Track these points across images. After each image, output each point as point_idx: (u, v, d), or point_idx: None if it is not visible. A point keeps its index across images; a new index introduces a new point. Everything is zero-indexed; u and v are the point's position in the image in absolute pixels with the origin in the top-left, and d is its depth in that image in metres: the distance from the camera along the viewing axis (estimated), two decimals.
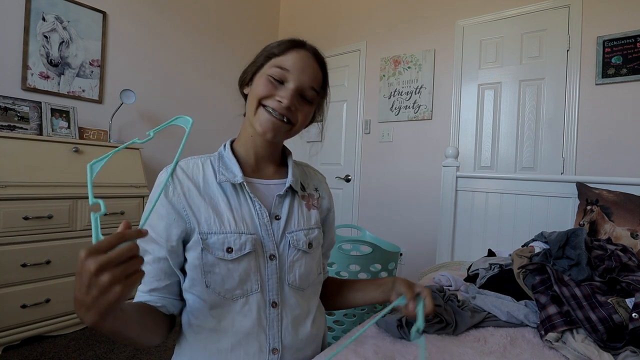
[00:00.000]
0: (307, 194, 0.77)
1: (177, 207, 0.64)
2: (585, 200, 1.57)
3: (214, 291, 0.63)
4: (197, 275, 0.63)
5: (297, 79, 0.66)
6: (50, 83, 2.11)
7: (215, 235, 0.63)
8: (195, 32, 2.87)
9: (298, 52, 0.67)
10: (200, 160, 0.70)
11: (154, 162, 2.59)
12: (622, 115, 1.95)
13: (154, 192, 0.65)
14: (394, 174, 2.80)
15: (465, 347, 0.79)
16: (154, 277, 0.64)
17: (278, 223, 0.69)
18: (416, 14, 2.72)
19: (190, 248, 0.64)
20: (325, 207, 0.81)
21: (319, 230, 0.75)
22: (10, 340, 1.62)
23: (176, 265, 0.65)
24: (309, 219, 0.74)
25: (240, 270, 0.63)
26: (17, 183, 1.63)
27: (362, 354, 0.72)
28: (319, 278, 0.77)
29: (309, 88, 0.68)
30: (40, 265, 1.69)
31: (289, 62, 0.66)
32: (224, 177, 0.67)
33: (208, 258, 0.62)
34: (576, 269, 0.98)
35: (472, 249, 1.97)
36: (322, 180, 0.85)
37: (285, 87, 0.66)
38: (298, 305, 0.69)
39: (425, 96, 2.65)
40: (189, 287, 0.65)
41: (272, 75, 0.66)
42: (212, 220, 0.63)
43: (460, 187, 2.05)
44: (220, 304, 0.63)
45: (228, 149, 0.72)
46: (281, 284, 0.67)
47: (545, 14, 2.20)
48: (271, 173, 0.74)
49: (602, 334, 0.76)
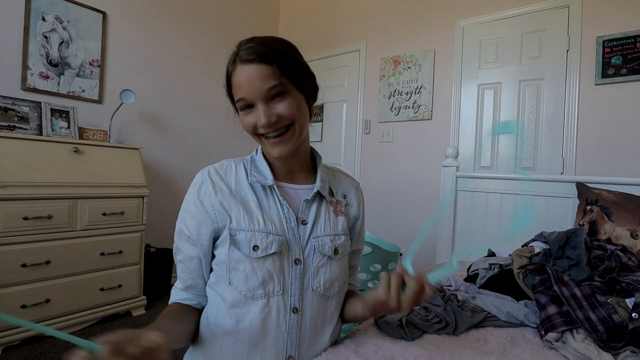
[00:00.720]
0: (336, 200, 0.76)
1: (206, 207, 0.66)
2: (585, 200, 1.57)
3: (235, 289, 0.63)
4: (222, 271, 0.65)
5: (258, 95, 0.61)
6: (50, 83, 2.11)
7: (243, 232, 0.64)
8: (195, 32, 2.87)
9: (237, 72, 0.62)
10: (234, 163, 0.72)
11: (154, 162, 2.59)
12: (622, 115, 1.95)
13: (190, 192, 0.69)
14: (394, 174, 2.80)
15: (465, 347, 0.80)
16: (189, 275, 0.69)
17: (304, 228, 0.69)
18: (416, 14, 2.72)
19: (220, 244, 0.66)
20: (353, 216, 0.79)
21: (345, 237, 0.74)
22: (10, 340, 1.62)
23: (207, 265, 0.68)
24: (336, 225, 0.73)
25: (264, 269, 0.63)
26: (17, 183, 1.63)
27: (362, 354, 0.72)
28: (344, 288, 0.75)
29: (268, 90, 0.61)
30: (40, 265, 1.69)
31: (239, 89, 0.63)
32: (255, 178, 0.69)
33: (235, 254, 0.64)
34: (576, 269, 0.98)
35: (472, 249, 1.97)
36: (352, 186, 0.82)
37: (256, 110, 0.63)
38: (319, 313, 0.68)
39: (425, 96, 2.65)
40: (213, 283, 0.68)
41: (241, 109, 0.65)
42: (241, 218, 0.65)
43: (460, 187, 2.05)
44: (241, 303, 0.63)
45: (260, 154, 0.73)
46: (304, 289, 0.66)
47: (545, 14, 2.20)
48: (302, 178, 0.74)
49: (602, 334, 0.76)
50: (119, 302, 2.01)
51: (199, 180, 0.68)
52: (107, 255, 1.93)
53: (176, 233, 0.69)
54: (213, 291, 0.67)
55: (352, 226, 0.79)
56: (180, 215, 0.69)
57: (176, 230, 0.69)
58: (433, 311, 0.90)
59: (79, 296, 1.83)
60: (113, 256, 1.96)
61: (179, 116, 2.77)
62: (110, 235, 1.95)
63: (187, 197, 0.69)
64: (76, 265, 1.82)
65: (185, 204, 0.69)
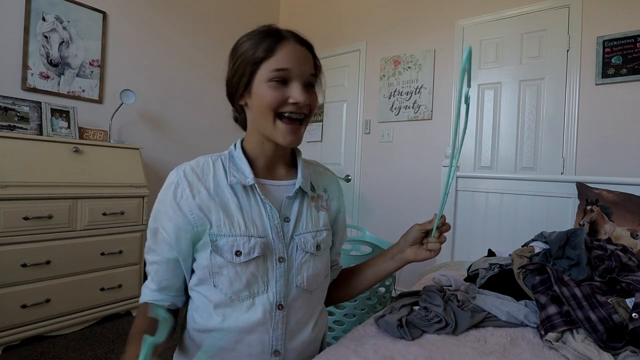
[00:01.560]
0: (317, 195, 0.76)
1: (184, 210, 0.63)
2: (585, 200, 1.57)
3: (221, 291, 0.63)
4: (204, 275, 0.64)
5: (301, 74, 0.63)
6: (50, 83, 2.11)
7: (224, 238, 0.62)
8: (195, 32, 2.87)
9: (286, 45, 0.63)
10: (211, 159, 0.69)
11: (154, 162, 2.59)
12: (622, 115, 1.95)
13: (164, 193, 0.65)
14: (394, 174, 2.80)
15: (465, 347, 0.79)
16: (163, 276, 0.66)
17: (287, 225, 0.68)
18: (416, 14, 2.72)
19: (200, 249, 0.64)
20: (334, 209, 0.79)
21: (327, 232, 0.74)
22: (10, 340, 1.62)
23: (187, 267, 0.66)
24: (318, 221, 0.73)
25: (248, 273, 0.63)
26: (17, 183, 1.63)
27: (362, 354, 0.72)
28: (326, 280, 0.76)
29: (310, 75, 0.65)
30: (40, 265, 1.69)
31: (285, 60, 0.62)
32: (235, 178, 0.66)
33: (217, 260, 0.62)
34: (576, 269, 0.98)
35: (472, 249, 1.97)
36: (332, 179, 0.82)
37: (292, 87, 0.63)
38: (303, 307, 0.68)
39: (425, 96, 2.65)
40: (195, 285, 0.66)
41: (274, 80, 0.62)
42: (222, 222, 0.63)
43: (460, 187, 2.05)
44: (226, 304, 0.63)
45: (239, 149, 0.70)
46: (289, 286, 0.67)
47: (545, 14, 2.20)
48: (282, 174, 0.73)
49: (602, 334, 0.75)
50: (119, 302, 2.01)
51: (173, 180, 0.64)
52: (107, 255, 1.93)
53: (150, 232, 0.66)
54: (196, 292, 0.66)
55: (334, 219, 0.80)
56: (154, 215, 0.66)
57: (150, 230, 0.66)
58: (433, 311, 0.90)
59: (79, 296, 1.83)
60: (113, 256, 1.96)
61: (179, 116, 2.77)
62: (110, 235, 1.95)
63: (161, 197, 0.65)
64: (76, 265, 1.82)
65: (160, 204, 0.65)
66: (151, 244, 0.66)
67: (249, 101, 0.67)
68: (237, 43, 0.67)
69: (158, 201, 0.66)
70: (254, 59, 0.63)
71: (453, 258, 2.02)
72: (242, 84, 0.65)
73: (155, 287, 0.67)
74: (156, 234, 0.65)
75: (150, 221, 0.66)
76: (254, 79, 0.64)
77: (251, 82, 0.64)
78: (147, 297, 0.68)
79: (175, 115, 2.75)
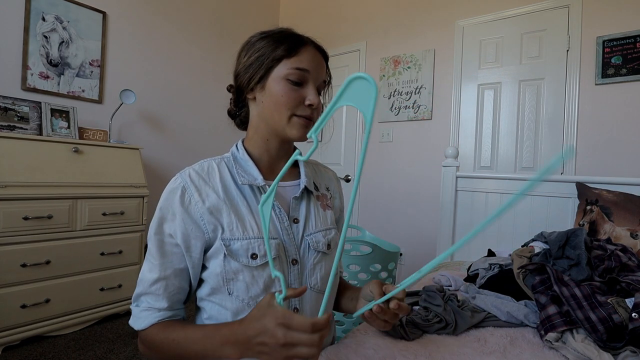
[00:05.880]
0: (321, 194, 0.76)
1: (194, 216, 0.61)
2: (585, 200, 1.57)
3: (237, 298, 0.61)
4: (217, 283, 0.62)
5: (316, 79, 0.65)
6: (50, 83, 2.11)
7: (238, 242, 0.61)
8: (195, 32, 2.87)
9: (308, 49, 0.65)
10: (215, 162, 0.67)
11: (154, 162, 2.59)
12: (622, 115, 1.95)
13: (168, 199, 0.62)
14: (393, 174, 2.80)
15: (465, 347, 0.80)
16: (174, 291, 0.62)
17: (297, 226, 0.68)
18: (416, 14, 2.72)
19: (212, 256, 0.62)
20: (337, 207, 0.80)
21: (335, 231, 0.73)
22: (10, 340, 1.62)
23: (195, 276, 0.64)
24: (325, 219, 0.72)
25: (265, 276, 0.62)
26: (17, 183, 1.63)
27: (363, 354, 0.72)
28: (337, 279, 0.76)
29: (322, 82, 0.67)
30: (40, 265, 1.69)
31: (306, 62, 0.63)
32: (244, 179, 0.64)
33: (231, 265, 0.60)
34: (576, 269, 0.98)
35: (472, 249, 1.97)
36: (332, 177, 0.83)
37: (307, 89, 0.64)
38: (317, 308, 0.67)
39: (425, 96, 2.65)
40: (207, 295, 0.64)
41: (291, 79, 0.63)
42: (234, 225, 0.61)
43: (460, 187, 2.05)
44: (244, 311, 0.61)
45: (242, 150, 0.69)
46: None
47: (545, 14, 2.20)
48: (286, 175, 0.72)
49: (602, 334, 0.76)
50: (119, 302, 2.01)
51: (178, 185, 0.61)
52: (107, 255, 1.93)
53: (154, 247, 0.61)
54: (209, 302, 0.64)
55: (338, 218, 0.80)
56: (156, 226, 0.61)
57: (153, 244, 0.61)
58: (433, 311, 0.90)
59: (79, 296, 1.83)
60: (113, 256, 1.96)
61: (179, 116, 2.77)
62: (110, 235, 1.95)
63: (164, 204, 0.61)
64: (76, 265, 1.82)
65: (163, 212, 0.61)
66: (156, 259, 0.61)
67: (260, 95, 0.66)
68: (252, 39, 0.68)
69: (160, 209, 0.62)
70: (274, 55, 0.63)
71: (453, 258, 2.03)
72: (256, 78, 0.65)
73: (166, 305, 0.61)
74: (162, 246, 0.61)
75: (151, 234, 0.62)
76: (269, 74, 0.64)
77: (266, 76, 0.64)
78: (155, 319, 0.61)
79: (175, 115, 2.75)
